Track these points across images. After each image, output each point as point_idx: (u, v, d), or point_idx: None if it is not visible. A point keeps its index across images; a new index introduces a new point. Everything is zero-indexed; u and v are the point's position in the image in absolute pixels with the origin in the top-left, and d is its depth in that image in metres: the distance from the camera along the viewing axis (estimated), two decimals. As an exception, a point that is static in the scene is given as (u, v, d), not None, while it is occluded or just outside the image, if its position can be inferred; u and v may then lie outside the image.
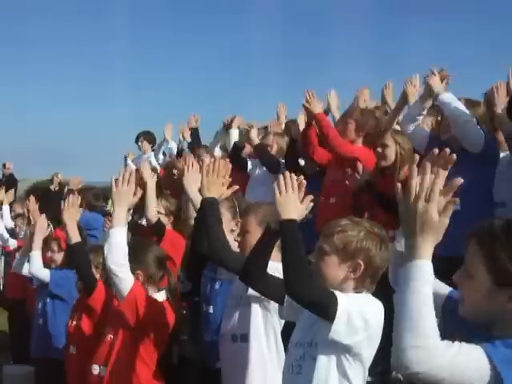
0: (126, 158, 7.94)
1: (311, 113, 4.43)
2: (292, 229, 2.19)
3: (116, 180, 2.93)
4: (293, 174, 2.29)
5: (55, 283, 4.31)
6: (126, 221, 2.97)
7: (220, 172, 2.82)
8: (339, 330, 2.04)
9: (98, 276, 3.69)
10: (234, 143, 5.86)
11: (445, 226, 1.48)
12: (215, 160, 2.88)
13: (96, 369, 3.01)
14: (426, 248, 1.46)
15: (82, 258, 3.45)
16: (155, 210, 3.94)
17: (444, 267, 1.78)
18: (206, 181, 2.80)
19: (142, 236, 3.97)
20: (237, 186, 2.96)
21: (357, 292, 2.17)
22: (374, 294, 2.20)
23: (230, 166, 2.93)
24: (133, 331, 2.91)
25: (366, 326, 2.05)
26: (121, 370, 2.93)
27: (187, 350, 3.91)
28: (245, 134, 5.60)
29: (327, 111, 5.44)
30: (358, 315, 2.05)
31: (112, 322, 3.05)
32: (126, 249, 2.85)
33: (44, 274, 4.37)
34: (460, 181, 1.48)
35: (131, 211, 4.37)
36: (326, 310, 2.06)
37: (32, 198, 5.91)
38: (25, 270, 4.61)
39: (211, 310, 3.46)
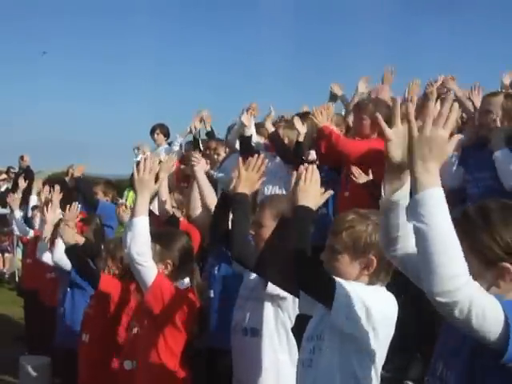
0: (134, 150, 7.87)
1: (316, 126, 4.49)
2: (307, 215, 2.19)
3: (137, 167, 2.86)
4: (314, 166, 2.29)
5: (76, 272, 4.34)
6: (148, 210, 2.89)
7: (259, 168, 2.76)
8: (338, 317, 2.01)
9: (114, 271, 3.72)
10: (240, 135, 5.83)
11: (449, 152, 1.56)
12: (258, 156, 2.79)
13: (128, 364, 3.02)
14: (437, 175, 1.51)
15: (77, 260, 3.75)
16: (169, 203, 3.94)
17: None
18: (246, 176, 2.73)
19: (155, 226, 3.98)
20: (264, 178, 2.89)
21: (370, 285, 2.13)
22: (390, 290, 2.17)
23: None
24: (158, 320, 2.91)
25: (368, 316, 2.00)
26: (149, 360, 2.92)
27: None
28: (260, 124, 5.64)
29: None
30: (358, 305, 2.01)
31: (139, 316, 3.05)
32: (149, 238, 2.80)
33: (65, 263, 4.42)
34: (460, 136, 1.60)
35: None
36: (324, 295, 2.04)
37: (46, 187, 5.97)
38: (44, 258, 4.67)
39: (212, 294, 3.53)
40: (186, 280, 3.08)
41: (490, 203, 1.67)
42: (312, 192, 2.24)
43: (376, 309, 2.03)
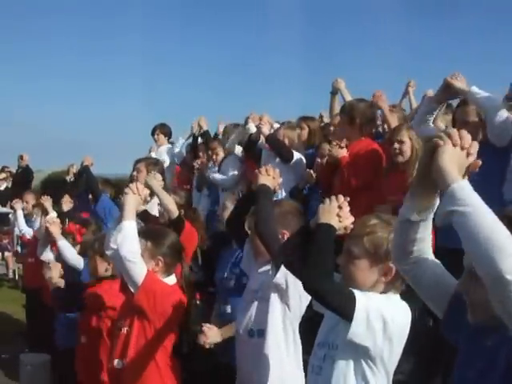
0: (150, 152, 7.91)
1: (335, 158, 4.54)
2: (327, 230, 2.16)
3: (131, 186, 3.16)
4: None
5: (86, 272, 4.32)
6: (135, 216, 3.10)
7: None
8: (358, 331, 1.99)
9: (106, 267, 3.75)
10: (249, 136, 5.93)
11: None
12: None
13: (116, 362, 3.02)
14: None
15: None
16: (174, 205, 3.97)
17: (452, 259, 1.81)
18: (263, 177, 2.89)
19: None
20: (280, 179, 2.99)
21: (384, 293, 2.12)
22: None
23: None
24: (150, 319, 2.94)
25: (384, 327, 2.00)
26: (140, 358, 2.95)
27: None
28: (257, 130, 5.72)
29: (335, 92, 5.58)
30: (376, 316, 2.00)
31: (126, 314, 3.06)
32: (138, 240, 2.94)
33: (78, 261, 4.47)
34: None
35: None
36: (343, 309, 2.02)
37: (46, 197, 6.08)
38: (44, 257, 4.72)
39: (229, 310, 3.50)
40: (172, 276, 3.12)
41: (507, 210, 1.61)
42: (335, 213, 2.22)
43: (393, 320, 2.03)
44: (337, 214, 2.21)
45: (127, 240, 2.89)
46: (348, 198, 2.28)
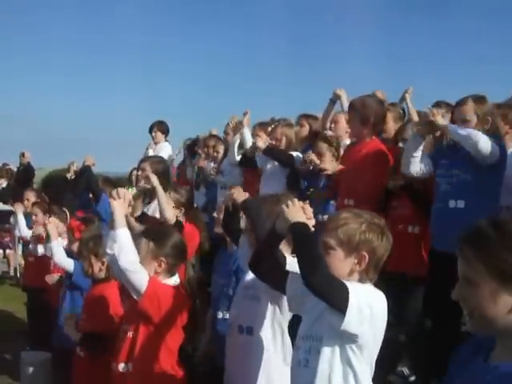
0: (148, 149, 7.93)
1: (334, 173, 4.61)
2: (302, 227, 2.26)
3: (113, 193, 3.00)
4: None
5: (78, 273, 4.35)
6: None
7: None
8: (351, 320, 2.08)
9: (100, 267, 3.73)
10: (244, 154, 5.87)
11: None
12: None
13: (121, 367, 2.99)
14: None
15: None
16: (172, 210, 3.96)
17: (446, 263, 1.81)
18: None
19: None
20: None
21: (361, 283, 2.23)
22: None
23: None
24: (156, 323, 2.92)
25: (371, 316, 2.11)
26: (146, 362, 2.94)
27: (200, 343, 3.95)
28: (252, 145, 5.67)
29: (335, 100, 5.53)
30: (364, 304, 2.11)
31: (131, 319, 3.04)
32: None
33: (68, 264, 4.49)
34: None
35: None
36: (336, 299, 2.11)
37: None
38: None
39: (228, 316, 3.51)
40: (175, 277, 3.10)
41: (501, 216, 1.60)
42: (300, 213, 2.32)
43: (377, 308, 2.14)
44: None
45: (124, 250, 2.80)
46: (308, 202, 2.41)
